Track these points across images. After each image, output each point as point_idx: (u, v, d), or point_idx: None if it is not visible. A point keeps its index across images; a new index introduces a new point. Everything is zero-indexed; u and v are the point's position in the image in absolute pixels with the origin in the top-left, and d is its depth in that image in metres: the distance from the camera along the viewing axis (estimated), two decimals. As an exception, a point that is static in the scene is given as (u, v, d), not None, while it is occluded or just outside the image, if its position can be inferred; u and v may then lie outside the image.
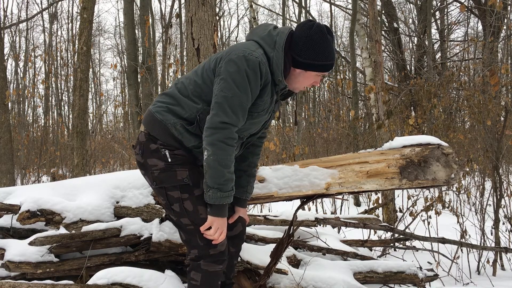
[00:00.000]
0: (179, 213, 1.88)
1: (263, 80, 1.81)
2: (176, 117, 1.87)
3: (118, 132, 17.36)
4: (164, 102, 1.92)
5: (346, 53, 16.44)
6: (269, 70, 1.82)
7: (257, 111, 1.88)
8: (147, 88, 9.42)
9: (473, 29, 16.31)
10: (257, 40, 1.88)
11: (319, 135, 9.97)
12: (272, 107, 1.97)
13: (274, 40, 1.85)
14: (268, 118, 2.01)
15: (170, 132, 1.87)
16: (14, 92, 11.86)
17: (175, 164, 1.86)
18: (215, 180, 1.76)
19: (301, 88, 1.96)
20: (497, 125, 4.68)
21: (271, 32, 1.88)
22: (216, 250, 1.87)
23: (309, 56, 1.84)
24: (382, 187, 2.26)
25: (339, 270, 2.77)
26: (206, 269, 1.88)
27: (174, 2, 14.60)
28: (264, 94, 1.85)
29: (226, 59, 1.80)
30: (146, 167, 1.92)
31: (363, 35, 8.28)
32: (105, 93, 24.88)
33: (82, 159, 5.26)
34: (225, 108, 1.75)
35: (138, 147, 1.95)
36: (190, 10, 3.40)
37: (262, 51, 1.83)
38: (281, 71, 1.84)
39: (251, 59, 1.76)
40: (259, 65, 1.77)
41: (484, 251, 3.80)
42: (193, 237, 1.88)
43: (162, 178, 1.87)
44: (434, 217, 4.68)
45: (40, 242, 2.27)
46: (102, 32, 24.57)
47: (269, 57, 1.84)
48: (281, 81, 1.86)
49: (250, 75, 1.76)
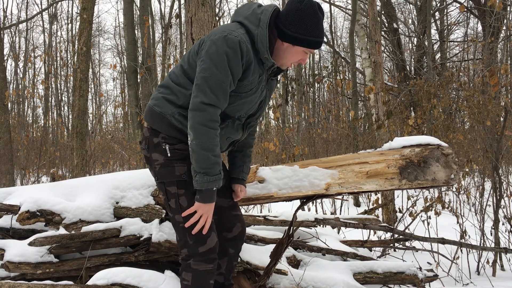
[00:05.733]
0: (175, 209, 1.87)
1: (244, 59, 1.79)
2: (173, 106, 1.87)
3: (118, 132, 17.36)
4: (160, 93, 1.92)
5: (345, 53, 16.44)
6: (251, 48, 1.80)
7: (244, 90, 1.86)
8: (147, 88, 9.42)
9: (472, 29, 16.32)
10: (240, 20, 1.88)
11: (319, 136, 9.97)
12: (263, 85, 1.95)
13: (259, 18, 1.84)
14: (263, 97, 1.99)
15: (170, 122, 1.86)
16: (14, 92, 11.85)
17: (174, 159, 1.86)
18: (201, 164, 1.75)
19: (287, 64, 1.93)
20: (497, 125, 4.68)
21: (255, 11, 1.87)
22: (205, 247, 1.85)
23: (298, 30, 1.83)
24: (382, 187, 2.26)
25: (339, 271, 2.77)
26: (196, 268, 1.86)
27: (174, 3, 14.61)
28: (249, 74, 1.83)
29: (207, 41, 1.80)
30: (150, 161, 1.93)
31: (362, 36, 8.28)
32: (105, 94, 24.88)
33: (81, 160, 5.26)
34: (204, 89, 1.74)
35: (144, 142, 1.95)
36: (189, 11, 3.40)
37: (244, 31, 1.82)
38: (267, 48, 1.82)
39: (231, 38, 1.75)
40: (239, 43, 1.75)
41: (483, 251, 3.80)
42: (183, 236, 1.87)
43: (162, 173, 1.88)
44: (433, 217, 4.69)
45: (40, 242, 2.27)
46: (102, 32, 24.57)
47: (253, 34, 1.82)
48: (267, 59, 1.84)
49: (229, 54, 1.74)
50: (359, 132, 9.09)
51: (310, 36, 1.84)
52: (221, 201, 2.04)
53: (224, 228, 2.10)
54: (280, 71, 2.01)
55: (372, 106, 6.58)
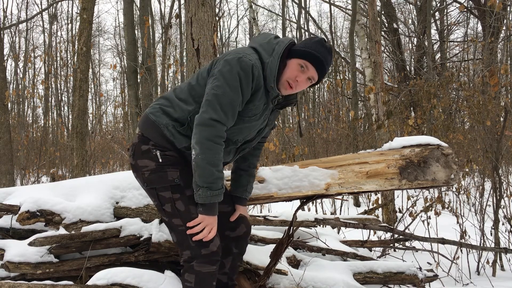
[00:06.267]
0: (171, 213, 1.88)
1: (254, 83, 1.83)
2: (168, 118, 1.89)
3: (118, 132, 17.35)
4: (158, 104, 1.95)
5: (345, 53, 16.45)
6: (262, 74, 1.84)
7: (248, 115, 1.89)
8: (147, 88, 9.41)
9: (472, 29, 16.32)
10: (255, 46, 1.93)
11: (319, 136, 9.97)
12: (267, 114, 1.98)
13: (273, 48, 1.89)
14: (263, 126, 2.02)
15: (162, 133, 1.88)
16: (14, 92, 11.85)
17: (166, 164, 1.87)
18: (204, 179, 1.76)
19: (285, 85, 1.91)
20: (497, 125, 4.68)
21: (271, 41, 1.93)
22: (208, 250, 1.85)
23: (297, 45, 1.91)
24: (382, 187, 2.26)
25: (339, 271, 2.77)
26: (200, 270, 1.86)
27: (174, 3, 14.60)
28: (256, 99, 1.86)
29: (221, 60, 1.83)
30: (137, 168, 1.93)
31: (362, 36, 8.28)
32: (105, 94, 24.88)
33: (81, 160, 5.26)
34: (214, 105, 1.76)
35: (130, 149, 1.97)
36: (189, 11, 3.40)
37: (257, 56, 1.87)
38: (274, 77, 1.86)
39: (245, 61, 1.79)
40: (252, 67, 1.79)
41: (483, 251, 3.80)
42: (185, 238, 1.87)
43: (152, 179, 1.88)
44: (433, 217, 4.69)
45: (40, 242, 2.27)
46: (102, 32, 24.58)
47: (264, 62, 1.87)
48: (272, 88, 1.87)
49: (242, 76, 1.78)
50: (359, 132, 9.10)
51: (306, 48, 1.87)
52: (223, 208, 2.03)
53: (228, 227, 2.10)
54: (287, 104, 2.03)
55: (372, 106, 6.58)
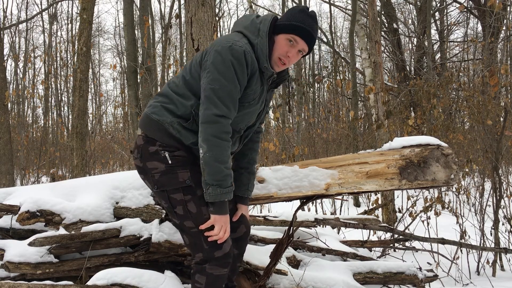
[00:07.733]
0: (183, 216, 1.84)
1: (249, 69, 1.79)
2: (172, 115, 1.85)
3: (118, 132, 17.35)
4: (158, 102, 1.90)
5: (345, 53, 16.44)
6: (255, 58, 1.81)
7: (247, 100, 1.86)
8: (147, 88, 9.41)
9: (472, 29, 16.33)
10: (240, 30, 1.89)
11: (319, 136, 9.97)
12: (264, 95, 1.95)
13: (258, 28, 1.85)
14: (262, 108, 1.99)
15: (168, 131, 1.84)
16: (14, 92, 11.86)
17: (176, 165, 1.83)
18: (214, 177, 1.74)
19: (277, 62, 1.88)
20: (497, 125, 4.68)
21: (254, 21, 1.88)
22: (221, 252, 1.83)
23: (282, 19, 1.87)
24: (382, 187, 2.26)
25: (339, 271, 2.77)
26: (212, 272, 1.84)
27: (174, 3, 14.61)
28: (253, 83, 1.83)
29: (211, 52, 1.79)
30: (145, 170, 1.88)
31: (362, 36, 8.28)
32: (105, 94, 24.88)
33: (81, 160, 5.26)
34: (214, 101, 1.73)
35: (136, 151, 1.91)
36: (189, 11, 3.40)
37: (247, 40, 1.83)
38: (266, 57, 1.83)
39: (236, 48, 1.74)
40: (244, 54, 1.75)
41: (483, 251, 3.80)
42: (197, 240, 1.84)
43: (163, 181, 1.84)
44: (433, 217, 4.70)
45: (40, 242, 2.27)
46: (102, 32, 24.56)
47: (253, 44, 1.83)
48: (266, 68, 1.85)
49: (235, 64, 1.74)
50: (359, 132, 9.09)
51: (292, 21, 1.84)
52: None
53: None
54: (282, 81, 2.01)
55: (372, 106, 6.59)
